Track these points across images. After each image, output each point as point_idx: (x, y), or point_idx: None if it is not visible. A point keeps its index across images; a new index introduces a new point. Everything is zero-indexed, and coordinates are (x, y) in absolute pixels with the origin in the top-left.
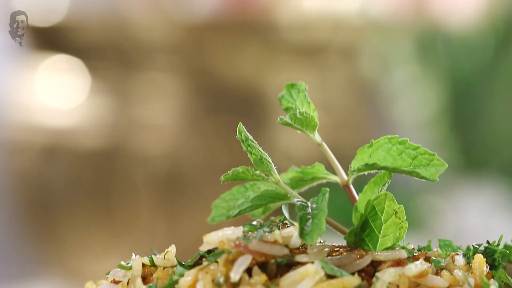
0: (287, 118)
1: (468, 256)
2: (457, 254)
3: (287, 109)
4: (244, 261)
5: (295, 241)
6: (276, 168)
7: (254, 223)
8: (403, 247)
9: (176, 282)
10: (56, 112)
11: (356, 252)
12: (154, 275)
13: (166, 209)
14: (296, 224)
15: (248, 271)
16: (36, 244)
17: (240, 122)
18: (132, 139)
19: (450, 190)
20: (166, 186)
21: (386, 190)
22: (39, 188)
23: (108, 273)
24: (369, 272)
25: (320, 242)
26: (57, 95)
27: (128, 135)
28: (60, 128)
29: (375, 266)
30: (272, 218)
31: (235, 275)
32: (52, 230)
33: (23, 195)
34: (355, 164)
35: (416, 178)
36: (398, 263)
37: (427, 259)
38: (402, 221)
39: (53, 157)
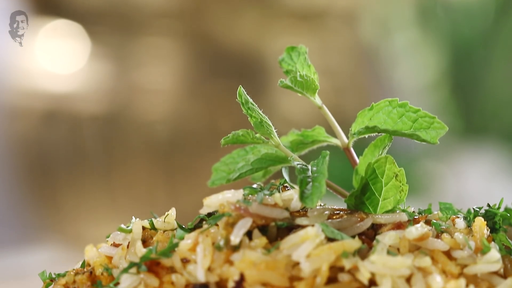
0: (287, 81)
1: (469, 219)
2: (458, 217)
3: (287, 72)
4: (244, 224)
5: (296, 204)
6: (276, 132)
7: (254, 186)
8: (403, 210)
9: (176, 245)
10: (56, 77)
11: (356, 215)
12: (154, 238)
13: (166, 173)
14: (297, 187)
15: (249, 234)
16: (36, 209)
17: (240, 85)
18: (132, 104)
19: (451, 155)
20: (166, 151)
21: (386, 154)
22: (39, 154)
23: (108, 236)
24: (370, 235)
25: (320, 205)
26: (57, 60)
27: (128, 100)
28: (60, 93)
29: (375, 229)
30: (273, 181)
31: (235, 238)
32: (52, 195)
33: (23, 160)
34: (355, 127)
35: (417, 141)
36: (399, 226)
37: (428, 222)
38: (402, 184)
39: (53, 122)
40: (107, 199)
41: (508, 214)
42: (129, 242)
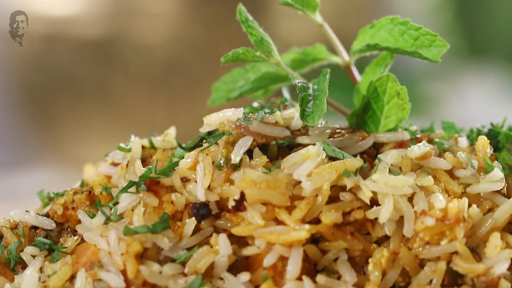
0: None
1: (472, 138)
2: (461, 136)
3: None
4: (244, 143)
5: (296, 122)
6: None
7: (255, 104)
8: (405, 129)
9: (176, 164)
10: (55, 1)
11: (358, 134)
12: (153, 157)
13: (166, 94)
14: (297, 105)
15: (249, 153)
16: (34, 131)
17: (240, 3)
18: (132, 27)
19: (454, 77)
20: (165, 73)
21: (388, 72)
22: (38, 77)
23: (107, 155)
24: (372, 154)
25: (321, 123)
26: None
27: (128, 23)
28: (59, 17)
29: (377, 148)
30: (273, 99)
31: (235, 157)
32: (50, 117)
33: (22, 83)
34: (356, 45)
35: (419, 62)
36: (401, 144)
37: (430, 141)
38: (404, 102)
39: (52, 46)
40: (106, 120)
41: None
42: (128, 161)
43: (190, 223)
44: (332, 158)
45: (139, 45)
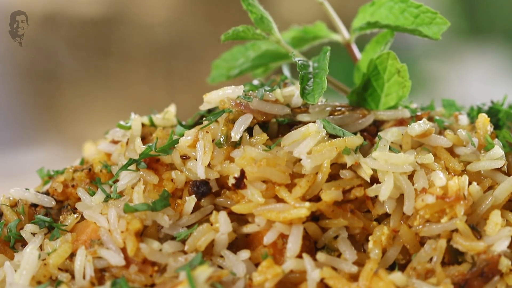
0: None
1: (472, 116)
2: (461, 114)
3: None
4: (245, 121)
5: (297, 100)
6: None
7: (255, 82)
8: (406, 107)
9: (176, 141)
10: None
11: (358, 112)
12: (153, 135)
13: (166, 73)
14: (298, 83)
15: (249, 131)
16: (33, 110)
17: None
18: (132, 6)
19: (454, 55)
20: (165, 52)
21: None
22: (38, 56)
23: (107, 133)
24: (372, 131)
25: (322, 101)
26: None
27: (128, 2)
28: None
29: (377, 125)
30: (273, 77)
31: (235, 135)
32: (50, 96)
33: (22, 63)
34: (357, 23)
35: (419, 40)
36: (401, 122)
37: (431, 119)
38: (405, 80)
39: (52, 25)
40: (106, 99)
41: None
42: (128, 139)
43: (190, 201)
44: (332, 136)
45: (139, 23)
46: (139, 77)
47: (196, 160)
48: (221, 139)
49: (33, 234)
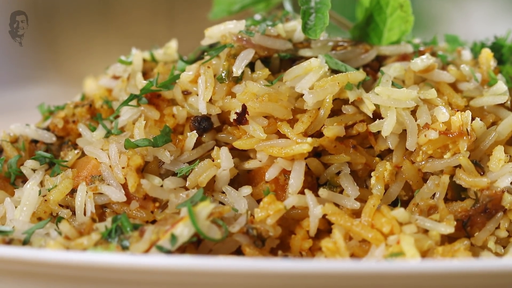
0: None
1: (475, 51)
2: (464, 49)
3: None
4: (246, 55)
5: (299, 35)
6: None
7: (257, 17)
8: (408, 42)
9: (177, 77)
10: None
11: (361, 47)
12: (154, 70)
13: (167, 8)
14: (300, 18)
15: (251, 66)
16: (34, 47)
17: None
18: None
19: None
20: None
21: None
22: None
23: (107, 68)
24: (374, 66)
25: (324, 36)
26: None
27: None
28: None
29: (380, 60)
30: (275, 12)
31: (237, 70)
32: (50, 33)
33: (21, 1)
34: None
35: None
36: (404, 57)
37: (433, 54)
38: (407, 15)
39: None
40: (106, 34)
41: None
42: (129, 74)
43: (192, 137)
44: (334, 71)
45: None
46: (140, 12)
47: (197, 95)
48: (223, 74)
49: (34, 170)
